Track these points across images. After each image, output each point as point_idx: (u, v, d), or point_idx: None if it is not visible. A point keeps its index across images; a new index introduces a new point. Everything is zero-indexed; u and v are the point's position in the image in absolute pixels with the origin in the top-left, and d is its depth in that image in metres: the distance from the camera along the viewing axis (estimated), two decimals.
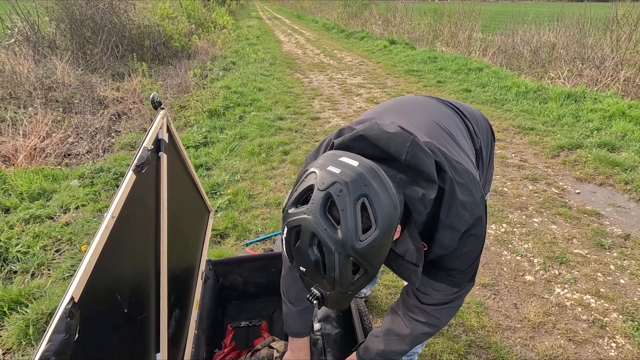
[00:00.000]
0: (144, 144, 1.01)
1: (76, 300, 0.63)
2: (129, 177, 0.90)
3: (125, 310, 0.83)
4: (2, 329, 1.87)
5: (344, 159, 0.67)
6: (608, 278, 2.20)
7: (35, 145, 3.73)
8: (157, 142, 1.14)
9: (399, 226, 0.74)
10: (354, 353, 1.08)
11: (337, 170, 0.64)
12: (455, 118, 0.97)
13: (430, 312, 0.92)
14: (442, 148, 0.80)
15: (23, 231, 2.56)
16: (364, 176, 0.64)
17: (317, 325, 1.36)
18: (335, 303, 0.71)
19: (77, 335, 0.61)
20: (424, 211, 0.73)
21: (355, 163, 0.66)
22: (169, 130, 1.24)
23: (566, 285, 2.15)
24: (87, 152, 3.94)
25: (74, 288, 0.63)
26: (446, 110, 0.99)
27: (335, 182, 0.63)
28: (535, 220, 2.75)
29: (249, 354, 1.31)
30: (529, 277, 2.22)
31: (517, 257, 2.38)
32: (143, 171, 0.96)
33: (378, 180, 0.65)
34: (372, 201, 0.63)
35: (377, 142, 0.74)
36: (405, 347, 0.96)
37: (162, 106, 1.20)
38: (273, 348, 1.29)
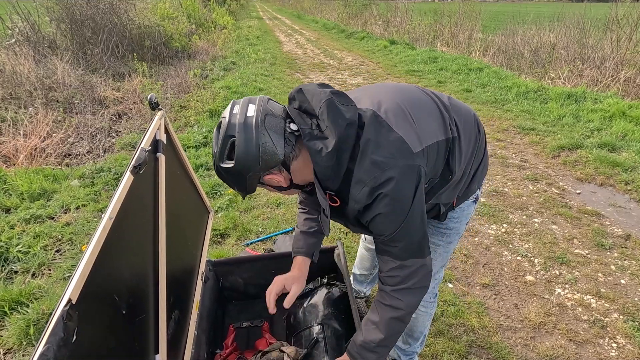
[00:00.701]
0: (142, 145, 1.00)
1: (74, 301, 0.63)
2: (127, 178, 0.90)
3: (124, 312, 0.83)
4: (2, 329, 1.87)
5: (250, 107, 0.85)
6: (609, 278, 2.19)
7: (35, 145, 3.73)
8: (155, 143, 1.14)
9: (277, 175, 0.89)
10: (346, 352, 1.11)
11: (234, 112, 0.86)
12: (428, 105, 1.01)
13: (390, 292, 0.96)
14: (386, 119, 0.89)
15: (24, 231, 2.56)
16: (241, 125, 0.83)
17: (317, 327, 1.36)
18: (241, 194, 0.93)
19: (74, 337, 0.61)
20: (322, 163, 0.84)
21: (250, 114, 0.84)
22: (167, 131, 1.24)
23: (567, 286, 2.15)
24: (88, 152, 3.94)
25: (72, 290, 0.63)
26: (421, 96, 1.03)
27: (223, 118, 0.86)
28: (536, 220, 2.75)
29: (259, 355, 1.31)
30: (529, 278, 2.22)
31: (518, 258, 2.38)
32: (141, 172, 0.95)
33: (250, 135, 0.82)
34: (237, 143, 0.83)
35: (307, 94, 0.89)
36: (381, 335, 0.98)
37: (160, 107, 1.20)
38: (284, 352, 1.29)
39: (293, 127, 0.87)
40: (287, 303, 1.18)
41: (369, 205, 0.88)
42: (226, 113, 0.86)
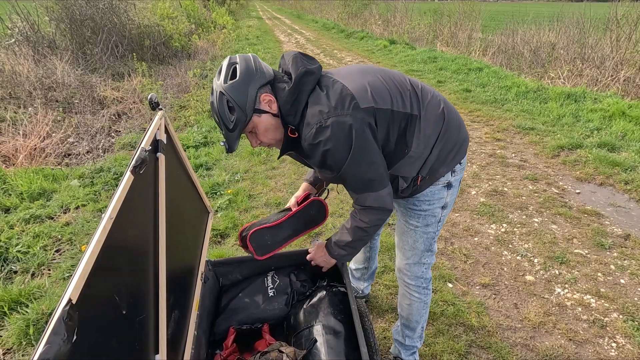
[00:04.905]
0: (142, 145, 1.00)
1: (74, 302, 0.63)
2: (127, 178, 0.90)
3: (124, 312, 0.83)
4: (2, 329, 1.87)
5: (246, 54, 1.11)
6: (608, 278, 2.19)
7: (35, 145, 3.73)
8: (155, 143, 1.13)
9: (270, 94, 1.08)
10: (325, 242, 1.41)
11: (233, 56, 1.10)
12: (396, 80, 1.18)
13: (358, 210, 1.20)
14: (341, 79, 1.10)
15: (23, 231, 2.56)
16: (241, 56, 1.09)
17: (317, 327, 1.36)
18: (230, 142, 1.11)
19: (75, 337, 0.61)
20: (283, 98, 1.07)
21: (248, 55, 1.10)
22: (167, 131, 1.24)
23: (566, 285, 2.15)
24: (87, 152, 3.94)
25: (72, 290, 0.63)
26: (394, 74, 1.20)
27: (225, 59, 1.10)
28: (536, 220, 2.75)
29: (258, 355, 1.31)
30: (529, 277, 2.22)
31: (518, 257, 2.38)
32: (141, 172, 0.95)
33: (249, 59, 1.08)
34: (239, 65, 1.06)
35: (285, 57, 1.14)
36: (349, 238, 1.25)
37: (160, 107, 1.19)
38: (283, 352, 1.29)
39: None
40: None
41: (314, 145, 1.06)
42: (227, 58, 1.10)
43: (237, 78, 1.04)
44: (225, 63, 1.08)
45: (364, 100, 1.06)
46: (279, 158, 1.22)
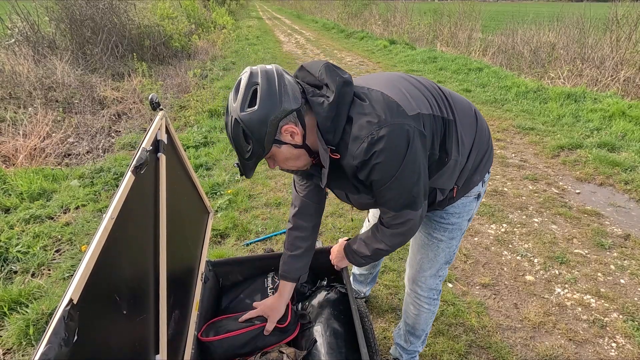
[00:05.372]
0: (143, 145, 1.00)
1: (75, 301, 0.63)
2: (128, 178, 0.90)
3: (125, 312, 0.83)
4: (2, 329, 1.87)
5: (267, 66, 0.94)
6: (608, 278, 2.20)
7: (35, 145, 3.73)
8: (156, 143, 1.14)
9: (293, 125, 0.93)
10: (344, 245, 1.34)
11: (254, 67, 0.93)
12: (424, 86, 1.10)
13: (384, 231, 1.12)
14: (379, 88, 0.99)
15: (23, 231, 2.56)
16: (264, 73, 0.90)
17: (317, 327, 1.36)
18: (246, 170, 1.00)
19: (75, 337, 0.61)
20: (323, 114, 0.92)
21: (269, 67, 0.92)
22: (167, 131, 1.24)
23: (566, 285, 2.15)
24: (87, 152, 3.94)
25: (73, 289, 0.63)
26: (416, 80, 1.11)
27: (244, 73, 0.92)
28: (536, 220, 2.75)
29: (258, 355, 1.31)
30: (529, 277, 2.22)
31: (518, 257, 2.38)
32: (142, 172, 0.95)
33: (273, 80, 0.89)
34: (260, 88, 0.88)
35: (307, 68, 1.00)
36: (367, 253, 1.20)
37: (161, 107, 1.20)
38: (283, 353, 1.29)
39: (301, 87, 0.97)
40: (267, 332, 1.33)
41: (366, 160, 0.93)
42: (246, 69, 0.93)
43: (257, 106, 0.87)
44: (244, 80, 0.91)
45: (409, 107, 0.96)
46: (323, 187, 1.06)
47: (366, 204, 1.14)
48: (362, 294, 1.97)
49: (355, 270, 1.93)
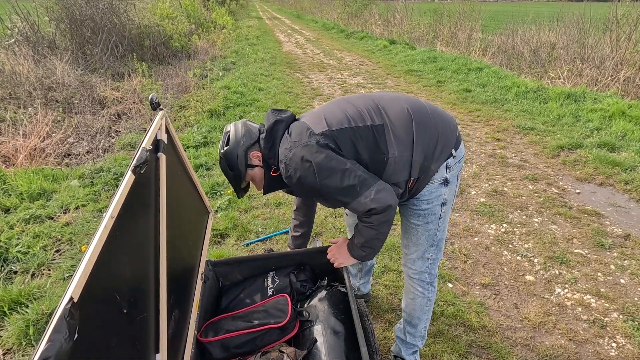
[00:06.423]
0: (143, 145, 1.01)
1: (75, 300, 0.63)
2: (128, 178, 0.90)
3: (125, 311, 0.83)
4: (2, 329, 1.87)
5: (237, 123, 1.37)
6: (608, 278, 2.20)
7: (35, 145, 3.73)
8: (156, 143, 1.14)
9: (258, 152, 1.32)
10: (347, 243, 1.43)
11: (229, 125, 1.38)
12: (357, 105, 1.28)
13: (361, 216, 1.23)
14: (303, 117, 1.33)
15: (23, 231, 2.56)
16: (232, 126, 1.35)
17: (318, 327, 1.36)
18: (237, 192, 1.41)
19: (76, 336, 0.61)
20: (262, 145, 1.31)
21: (239, 121, 1.37)
22: (167, 131, 1.24)
23: (566, 285, 2.15)
24: (87, 152, 3.94)
25: (73, 288, 0.63)
26: (353, 99, 1.32)
27: (225, 126, 1.39)
28: (536, 220, 2.75)
29: (258, 355, 1.31)
30: (529, 277, 2.22)
31: (518, 257, 2.38)
32: (142, 172, 0.95)
33: (238, 127, 1.34)
34: (229, 135, 1.33)
35: (266, 114, 1.36)
36: (362, 239, 1.28)
37: (161, 107, 1.20)
38: (283, 352, 1.29)
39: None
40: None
41: (288, 177, 1.23)
42: (225, 127, 1.39)
43: (229, 145, 1.31)
44: (224, 131, 1.37)
45: (318, 127, 1.21)
46: (264, 194, 1.53)
47: (324, 203, 1.35)
48: (357, 289, 1.98)
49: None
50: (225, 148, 1.31)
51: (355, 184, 1.15)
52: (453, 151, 1.28)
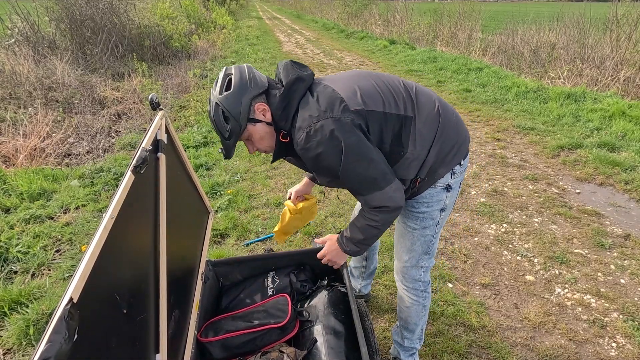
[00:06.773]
0: (143, 145, 1.01)
1: (75, 300, 0.63)
2: (128, 178, 0.90)
3: (125, 311, 0.83)
4: (2, 329, 1.87)
5: (240, 64, 1.15)
6: (608, 278, 2.20)
7: (35, 145, 3.73)
8: (156, 143, 1.14)
9: (264, 104, 1.12)
10: (337, 237, 1.36)
11: (229, 66, 1.14)
12: (391, 84, 1.19)
13: (369, 210, 1.17)
14: (331, 84, 1.13)
15: (23, 231, 2.56)
16: (236, 67, 1.13)
17: (318, 327, 1.36)
18: (227, 149, 1.15)
19: (76, 336, 0.61)
20: (274, 105, 1.11)
21: (242, 65, 1.14)
22: (167, 131, 1.24)
23: (566, 285, 2.15)
24: (87, 152, 3.94)
25: (73, 289, 0.63)
26: (383, 78, 1.21)
27: (222, 69, 1.15)
28: (536, 220, 2.75)
29: (258, 355, 1.31)
30: (529, 277, 2.22)
31: (518, 257, 2.38)
32: (142, 172, 0.95)
33: (243, 71, 1.11)
34: (233, 78, 1.10)
35: (279, 66, 1.17)
36: (361, 236, 1.22)
37: (161, 107, 1.20)
38: (283, 352, 1.29)
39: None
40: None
41: (306, 149, 1.07)
42: (223, 69, 1.15)
43: (232, 89, 1.08)
44: (221, 74, 1.12)
45: (353, 102, 1.08)
46: (272, 162, 1.25)
47: (328, 183, 1.24)
48: (358, 290, 1.97)
49: (350, 263, 1.93)
50: (225, 93, 1.08)
51: (378, 177, 1.09)
52: (462, 160, 1.26)
